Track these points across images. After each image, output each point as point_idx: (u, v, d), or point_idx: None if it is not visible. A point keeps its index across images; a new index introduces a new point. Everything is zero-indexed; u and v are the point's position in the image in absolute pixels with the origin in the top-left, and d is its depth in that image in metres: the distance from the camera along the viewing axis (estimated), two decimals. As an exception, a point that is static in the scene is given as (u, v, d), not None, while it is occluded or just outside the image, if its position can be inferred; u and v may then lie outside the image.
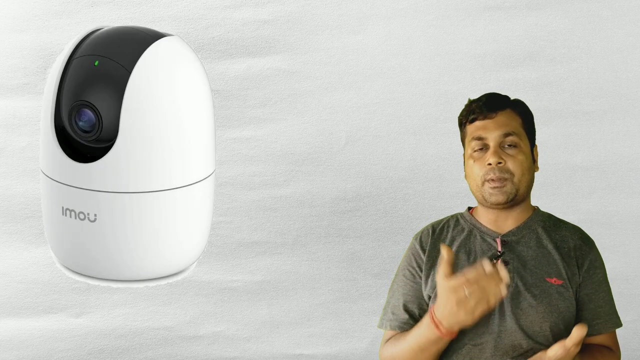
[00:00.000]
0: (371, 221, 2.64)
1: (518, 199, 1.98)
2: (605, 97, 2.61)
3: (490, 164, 1.96)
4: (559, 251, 1.97)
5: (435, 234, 2.03)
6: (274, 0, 2.57)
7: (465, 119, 2.03)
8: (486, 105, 2.00)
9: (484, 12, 2.59)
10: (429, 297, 1.98)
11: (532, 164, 2.00)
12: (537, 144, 2.06)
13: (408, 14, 2.58)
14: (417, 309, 1.98)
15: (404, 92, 2.61)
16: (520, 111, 2.02)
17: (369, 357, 2.66)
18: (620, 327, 1.99)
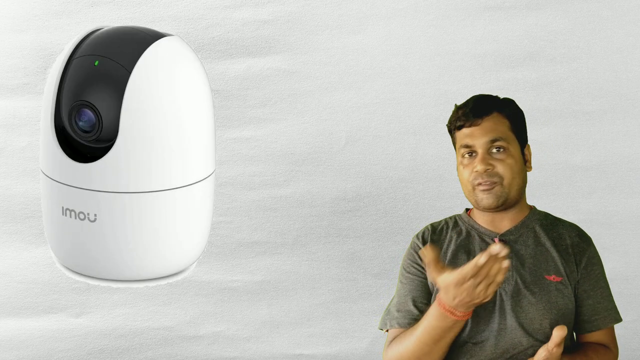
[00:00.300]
0: (371, 221, 2.64)
1: (510, 201, 1.98)
2: (605, 97, 2.61)
3: (477, 171, 1.96)
4: (557, 249, 1.98)
5: (435, 233, 2.04)
6: (274, 0, 2.57)
7: (453, 125, 2.02)
8: (472, 111, 1.99)
9: (484, 12, 2.59)
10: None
11: (524, 165, 2.00)
12: (537, 144, 2.05)
13: (408, 14, 2.58)
14: (426, 304, 1.97)
15: (404, 92, 2.61)
16: (508, 113, 2.00)
17: (369, 357, 2.66)
18: (619, 323, 1.99)
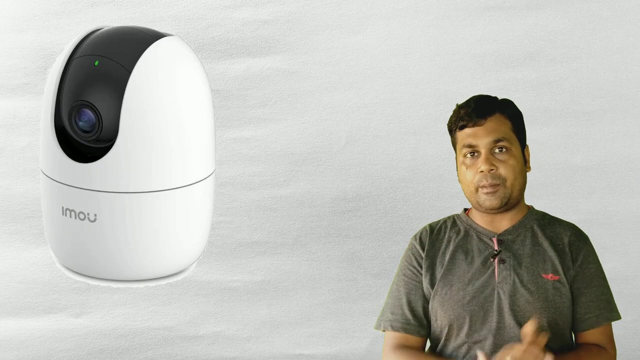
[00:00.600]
0: (371, 221, 2.64)
1: (512, 202, 1.99)
2: (605, 97, 2.61)
3: (482, 171, 1.96)
4: (554, 247, 1.98)
5: (434, 233, 2.04)
6: (274, 0, 2.57)
7: (455, 125, 2.02)
8: (475, 111, 1.99)
9: (484, 12, 2.59)
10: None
11: (524, 166, 2.00)
12: (537, 144, 2.06)
13: (408, 14, 2.58)
14: (421, 307, 1.99)
15: (404, 92, 2.61)
16: (510, 114, 2.01)
17: (369, 357, 2.66)
18: (616, 321, 1.99)
